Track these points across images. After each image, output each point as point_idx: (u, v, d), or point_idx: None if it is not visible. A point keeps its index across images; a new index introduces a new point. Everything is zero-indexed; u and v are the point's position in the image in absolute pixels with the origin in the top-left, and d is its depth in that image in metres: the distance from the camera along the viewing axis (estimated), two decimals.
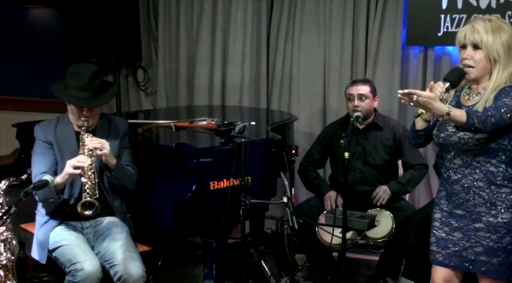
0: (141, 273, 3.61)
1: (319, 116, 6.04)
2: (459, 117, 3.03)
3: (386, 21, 5.74)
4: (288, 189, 4.21)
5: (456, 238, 3.29)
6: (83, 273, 3.48)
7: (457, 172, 3.26)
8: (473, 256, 3.24)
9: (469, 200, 3.23)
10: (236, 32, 6.21)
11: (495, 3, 5.30)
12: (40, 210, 3.88)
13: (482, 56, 3.15)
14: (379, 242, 4.55)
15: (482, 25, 3.15)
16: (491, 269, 3.22)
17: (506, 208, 3.17)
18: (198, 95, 6.43)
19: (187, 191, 3.94)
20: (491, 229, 3.18)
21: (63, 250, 3.65)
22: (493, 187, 3.18)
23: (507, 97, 3.07)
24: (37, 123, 3.89)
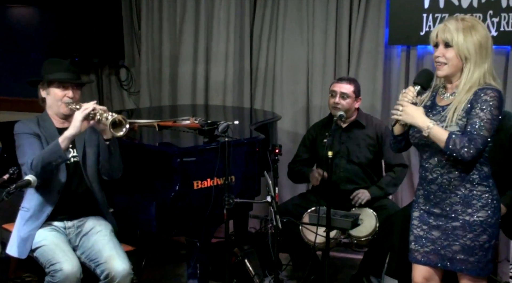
0: (128, 269, 3.62)
1: (302, 115, 6.06)
2: (439, 137, 3.12)
3: (369, 20, 5.76)
4: (272, 188, 4.22)
5: (434, 236, 3.31)
6: (62, 274, 3.48)
7: (433, 172, 3.29)
8: (451, 254, 3.27)
9: (445, 199, 3.26)
10: (219, 31, 6.21)
11: (477, 3, 5.33)
12: (25, 206, 3.84)
13: (453, 54, 3.18)
14: (363, 241, 4.58)
15: (454, 24, 3.19)
16: (468, 267, 3.25)
17: (482, 206, 3.20)
18: (181, 94, 6.43)
19: (170, 190, 3.94)
20: (467, 228, 3.21)
21: (43, 251, 3.64)
22: (469, 185, 3.21)
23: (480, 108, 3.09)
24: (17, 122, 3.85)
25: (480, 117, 3.08)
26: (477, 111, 3.09)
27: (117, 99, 6.67)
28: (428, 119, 3.17)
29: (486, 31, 3.18)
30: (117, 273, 3.57)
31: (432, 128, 3.12)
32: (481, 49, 3.14)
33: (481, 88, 3.12)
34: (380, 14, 5.69)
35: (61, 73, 3.74)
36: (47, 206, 3.75)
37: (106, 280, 3.60)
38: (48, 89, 3.78)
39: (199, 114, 5.35)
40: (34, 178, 3.53)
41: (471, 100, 3.12)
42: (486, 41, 3.15)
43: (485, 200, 3.21)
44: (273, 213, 4.22)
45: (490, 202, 3.21)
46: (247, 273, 4.89)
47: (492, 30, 5.29)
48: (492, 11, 5.29)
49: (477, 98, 3.10)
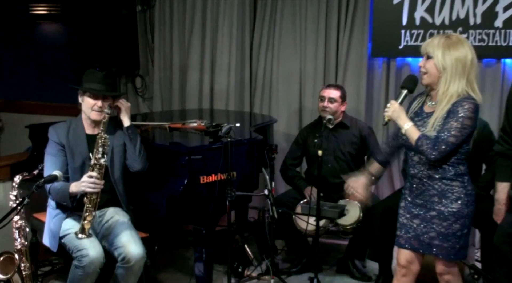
0: (142, 253, 3.62)
1: (295, 118, 6.05)
2: (411, 135, 3.20)
3: (354, 36, 5.76)
4: (268, 183, 4.22)
5: (415, 224, 3.34)
6: (88, 259, 3.48)
7: (415, 168, 3.32)
8: (428, 240, 3.29)
9: (425, 191, 3.29)
10: (223, 44, 6.20)
11: (448, 20, 5.33)
12: (51, 204, 3.86)
13: (432, 65, 3.20)
14: (348, 229, 4.57)
15: (438, 39, 3.21)
16: (443, 252, 3.27)
17: (455, 199, 3.22)
18: (189, 100, 6.42)
19: (180, 184, 3.94)
20: (442, 217, 3.24)
21: (71, 238, 3.63)
22: (445, 181, 3.23)
23: (454, 118, 3.12)
24: (51, 125, 3.86)
25: (451, 125, 3.11)
26: (450, 120, 3.11)
27: (133, 104, 6.65)
28: (407, 119, 3.24)
29: (467, 49, 3.18)
30: (133, 257, 3.58)
31: (409, 127, 3.20)
32: (458, 64, 3.14)
33: (459, 99, 3.12)
34: (364, 30, 5.70)
35: (95, 84, 3.73)
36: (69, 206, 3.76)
37: (123, 262, 3.60)
38: (83, 96, 3.78)
39: (205, 117, 5.34)
40: (60, 173, 3.55)
41: (449, 110, 3.13)
42: (464, 57, 3.15)
43: (459, 193, 3.23)
44: (269, 204, 4.22)
45: (463, 196, 3.23)
46: (246, 257, 4.90)
47: None
48: (461, 28, 5.29)
49: (454, 109, 3.12)
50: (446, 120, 3.14)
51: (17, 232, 3.98)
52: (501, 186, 3.23)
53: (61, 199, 3.68)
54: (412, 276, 3.48)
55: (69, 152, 3.75)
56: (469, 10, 5.26)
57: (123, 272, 3.63)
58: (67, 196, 3.63)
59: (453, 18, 5.32)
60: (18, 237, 3.98)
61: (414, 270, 3.46)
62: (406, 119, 3.26)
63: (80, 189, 3.56)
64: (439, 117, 3.16)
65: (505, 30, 5.18)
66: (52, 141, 3.78)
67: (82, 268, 3.49)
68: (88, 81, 3.76)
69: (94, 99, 3.73)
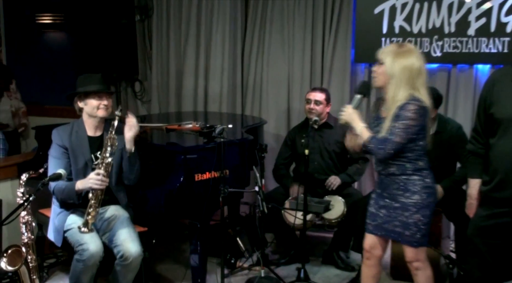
0: (139, 251, 3.61)
1: (284, 120, 6.06)
2: (363, 136, 3.31)
3: (338, 43, 5.78)
4: (259, 180, 4.24)
5: (382, 214, 3.42)
6: (89, 253, 3.48)
7: (379, 166, 3.41)
8: (392, 227, 3.37)
9: (389, 186, 3.37)
10: (216, 51, 6.21)
11: (425, 29, 5.35)
12: (55, 202, 3.86)
13: (382, 70, 3.27)
14: (333, 223, 4.59)
15: (391, 47, 3.32)
16: (405, 239, 3.35)
17: (416, 191, 3.29)
18: (185, 103, 6.42)
19: (176, 182, 3.95)
20: (404, 208, 3.31)
21: (73, 232, 3.64)
22: (405, 176, 3.31)
23: (399, 120, 3.19)
24: (55, 128, 3.84)
25: (396, 126, 3.19)
26: (395, 122, 3.20)
27: (132, 107, 6.66)
28: (361, 122, 3.35)
29: (414, 58, 3.24)
30: (131, 255, 3.57)
31: (361, 129, 3.32)
32: (405, 71, 3.21)
33: (406, 102, 3.19)
34: (347, 38, 5.72)
35: (95, 85, 3.72)
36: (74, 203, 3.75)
37: (121, 259, 3.59)
38: (85, 100, 3.74)
39: (200, 119, 5.35)
40: (64, 172, 3.56)
41: (396, 112, 3.20)
42: (411, 65, 3.21)
43: (419, 186, 3.30)
44: (260, 200, 4.24)
45: (423, 188, 3.30)
46: (238, 249, 4.90)
47: (437, 51, 5.33)
48: (437, 36, 5.32)
49: (399, 112, 3.19)
50: (392, 123, 3.22)
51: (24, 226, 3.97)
52: (472, 182, 3.25)
53: (67, 197, 3.67)
54: (374, 260, 3.57)
55: (72, 154, 3.73)
56: (444, 20, 5.29)
57: (121, 269, 3.63)
58: (73, 193, 3.62)
59: (429, 27, 5.35)
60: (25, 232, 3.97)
61: (376, 255, 3.55)
62: (359, 122, 3.35)
63: (87, 185, 3.56)
64: (389, 120, 3.24)
65: (477, 38, 5.21)
66: (55, 143, 3.76)
67: (83, 261, 3.49)
68: (87, 84, 3.73)
69: (99, 99, 3.72)
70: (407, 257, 3.43)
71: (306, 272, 4.41)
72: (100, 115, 3.75)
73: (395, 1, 5.45)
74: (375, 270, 3.61)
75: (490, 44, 5.18)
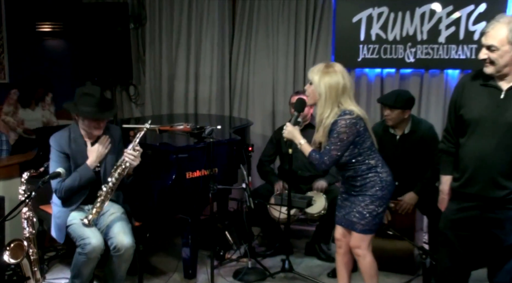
0: (131, 243, 3.60)
1: (269, 121, 6.06)
2: (305, 151, 3.45)
3: (319, 49, 5.79)
4: (246, 177, 4.25)
5: (345, 206, 3.52)
6: (91, 246, 3.47)
7: (339, 171, 3.58)
8: (351, 218, 3.47)
9: (350, 186, 3.48)
10: (205, 57, 6.21)
11: (399, 37, 5.38)
12: (55, 202, 3.81)
13: (311, 89, 3.40)
14: (315, 217, 4.60)
15: (319, 67, 3.40)
16: (360, 228, 3.45)
17: (372, 186, 3.40)
18: (176, 106, 6.41)
19: (168, 179, 3.94)
20: (362, 200, 3.43)
21: (75, 228, 3.61)
22: (361, 177, 3.42)
23: (333, 135, 3.33)
24: (52, 134, 3.75)
25: (331, 141, 3.34)
26: (331, 137, 3.35)
27: (127, 109, 6.64)
28: (301, 137, 3.49)
29: (339, 76, 3.33)
30: (123, 246, 3.56)
31: (303, 144, 3.46)
32: (331, 91, 3.31)
33: (336, 119, 3.32)
34: (328, 44, 5.74)
35: (93, 108, 3.58)
36: (75, 198, 3.73)
37: (114, 251, 3.58)
38: (82, 117, 3.66)
39: (190, 120, 5.35)
40: (63, 170, 3.54)
41: (330, 128, 3.35)
42: (336, 84, 3.31)
43: (374, 181, 3.40)
44: (247, 196, 4.24)
45: (378, 183, 3.41)
46: (227, 242, 4.90)
47: (411, 57, 5.36)
48: (410, 43, 5.35)
49: (333, 127, 3.34)
50: (328, 138, 3.37)
51: (25, 222, 3.95)
52: (444, 179, 3.28)
53: (81, 180, 3.61)
54: (345, 247, 3.64)
55: (72, 159, 3.68)
56: (416, 28, 5.32)
57: (115, 259, 3.61)
58: (88, 170, 3.62)
59: (403, 35, 5.38)
60: (26, 226, 3.95)
61: (347, 243, 3.61)
62: (300, 138, 3.48)
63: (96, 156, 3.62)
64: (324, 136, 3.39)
65: (447, 45, 5.25)
66: (55, 149, 3.70)
67: (85, 254, 3.48)
68: (84, 104, 3.59)
69: (96, 121, 3.63)
70: (352, 243, 3.54)
71: (290, 263, 4.42)
72: (94, 134, 3.69)
73: (372, 11, 5.47)
74: (347, 257, 3.69)
75: (459, 51, 5.22)
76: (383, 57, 5.49)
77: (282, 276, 4.42)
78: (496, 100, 2.93)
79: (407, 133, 4.43)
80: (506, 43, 2.85)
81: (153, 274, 4.48)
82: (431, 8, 5.27)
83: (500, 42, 2.86)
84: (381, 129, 4.51)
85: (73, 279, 3.60)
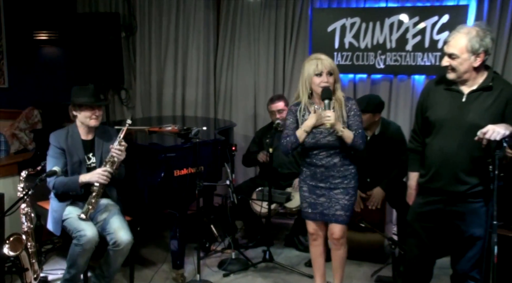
0: (130, 239, 3.57)
1: (251, 123, 6.06)
2: (349, 135, 3.34)
3: (297, 56, 5.80)
4: (230, 175, 4.26)
5: (321, 202, 3.49)
6: (86, 238, 3.45)
7: (322, 160, 3.45)
8: (333, 211, 3.46)
9: (329, 177, 3.44)
10: (192, 63, 6.19)
11: (370, 45, 5.41)
12: (53, 197, 3.78)
13: (333, 79, 3.40)
14: (294, 211, 4.61)
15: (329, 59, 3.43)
16: (344, 219, 3.48)
17: (352, 178, 3.46)
18: (165, 108, 6.38)
19: (157, 177, 3.93)
20: (346, 192, 3.43)
21: (71, 221, 3.59)
22: (344, 167, 3.45)
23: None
24: (52, 132, 3.75)
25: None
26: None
27: (118, 112, 6.60)
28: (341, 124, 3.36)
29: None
30: (122, 242, 3.53)
31: (345, 129, 3.33)
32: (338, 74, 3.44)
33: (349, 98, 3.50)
34: (305, 52, 5.74)
35: (89, 98, 3.63)
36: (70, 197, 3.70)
37: (113, 246, 3.55)
38: (79, 110, 3.67)
39: (178, 122, 5.33)
40: (59, 168, 3.52)
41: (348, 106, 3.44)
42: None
43: (354, 174, 3.47)
44: (231, 192, 4.25)
45: (355, 175, 3.48)
46: (212, 235, 4.90)
47: (381, 64, 5.40)
48: (380, 51, 5.39)
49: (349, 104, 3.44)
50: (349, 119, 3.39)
51: (24, 217, 3.93)
52: (412, 175, 3.30)
53: (69, 189, 3.60)
54: (321, 239, 3.65)
55: (68, 155, 3.67)
56: (386, 37, 5.36)
57: (113, 253, 3.58)
58: (76, 185, 3.57)
59: (374, 43, 5.41)
60: (25, 221, 3.93)
61: (321, 235, 3.63)
62: (341, 124, 3.35)
63: (93, 179, 3.53)
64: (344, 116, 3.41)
65: (413, 53, 5.29)
66: (53, 145, 3.69)
67: (81, 246, 3.46)
68: (81, 96, 3.65)
69: (91, 110, 3.65)
70: (338, 235, 3.53)
71: (270, 254, 4.43)
72: (92, 125, 3.68)
73: (345, 21, 5.50)
74: (321, 248, 3.69)
75: (425, 58, 5.27)
76: (355, 63, 5.52)
77: (263, 266, 4.43)
78: (458, 103, 2.96)
79: (377, 134, 4.46)
80: (466, 51, 2.88)
81: (144, 265, 4.46)
82: (399, 19, 5.31)
83: (460, 51, 2.89)
84: None
85: (69, 269, 3.57)
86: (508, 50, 5.12)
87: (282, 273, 4.34)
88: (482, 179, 2.92)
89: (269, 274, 4.32)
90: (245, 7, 5.93)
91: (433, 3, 5.26)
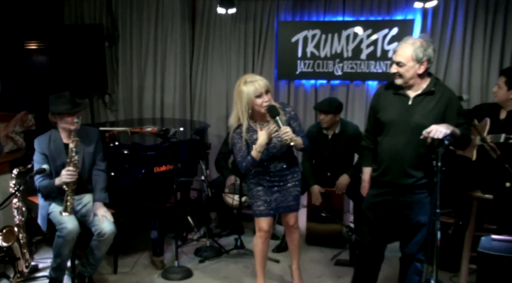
0: (113, 229, 3.55)
1: (223, 124, 6.06)
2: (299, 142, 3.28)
3: (265, 64, 5.84)
4: (204, 171, 4.24)
5: (274, 197, 3.45)
6: (67, 230, 3.42)
7: (274, 165, 3.39)
8: (286, 203, 3.47)
9: (282, 176, 3.43)
10: (170, 71, 6.16)
11: (329, 54, 5.48)
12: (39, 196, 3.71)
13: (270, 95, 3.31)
14: None
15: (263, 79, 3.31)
16: (297, 208, 3.52)
17: (298, 171, 3.50)
18: (145, 111, 6.34)
19: (139, 173, 3.91)
20: (297, 184, 3.47)
21: (55, 215, 3.56)
22: (291, 169, 3.46)
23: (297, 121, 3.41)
24: (36, 137, 3.66)
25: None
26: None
27: (103, 114, 6.52)
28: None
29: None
30: (106, 232, 3.50)
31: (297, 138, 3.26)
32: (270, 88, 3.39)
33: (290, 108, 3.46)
34: (272, 60, 5.79)
35: (67, 105, 3.52)
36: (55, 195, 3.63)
37: (98, 236, 3.52)
38: (59, 117, 3.57)
39: (157, 123, 5.30)
40: (48, 167, 3.47)
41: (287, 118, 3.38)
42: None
43: (298, 168, 3.51)
44: (205, 186, 4.24)
45: (299, 169, 3.52)
46: (189, 225, 4.88)
47: (339, 71, 5.47)
48: (338, 59, 5.46)
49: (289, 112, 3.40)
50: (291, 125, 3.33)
51: (16, 211, 3.86)
52: (365, 170, 3.34)
53: (49, 191, 3.56)
54: (268, 235, 3.59)
55: (51, 159, 3.58)
56: (343, 47, 5.43)
57: (97, 243, 3.55)
58: (54, 188, 3.52)
59: (332, 52, 5.48)
60: (16, 215, 3.86)
61: (270, 232, 3.60)
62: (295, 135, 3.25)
63: (61, 180, 3.47)
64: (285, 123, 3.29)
65: (367, 61, 5.38)
66: (37, 151, 3.60)
67: (63, 237, 3.42)
68: (59, 104, 3.53)
69: (71, 116, 3.55)
70: (293, 221, 3.56)
71: (242, 242, 4.45)
72: (73, 128, 3.55)
73: (307, 33, 5.55)
74: (268, 244, 3.63)
75: (377, 66, 5.35)
76: (316, 70, 5.57)
77: (235, 253, 4.44)
78: (406, 105, 3.02)
79: (338, 133, 4.51)
80: (411, 60, 2.94)
81: (126, 254, 4.42)
82: (354, 31, 5.38)
83: (406, 59, 2.95)
84: (315, 130, 4.57)
85: (55, 258, 3.53)
86: (449, 59, 5.24)
87: (252, 259, 4.33)
88: (427, 172, 2.97)
89: (240, 260, 4.34)
90: (218, 20, 5.94)
91: (384, 18, 5.35)
